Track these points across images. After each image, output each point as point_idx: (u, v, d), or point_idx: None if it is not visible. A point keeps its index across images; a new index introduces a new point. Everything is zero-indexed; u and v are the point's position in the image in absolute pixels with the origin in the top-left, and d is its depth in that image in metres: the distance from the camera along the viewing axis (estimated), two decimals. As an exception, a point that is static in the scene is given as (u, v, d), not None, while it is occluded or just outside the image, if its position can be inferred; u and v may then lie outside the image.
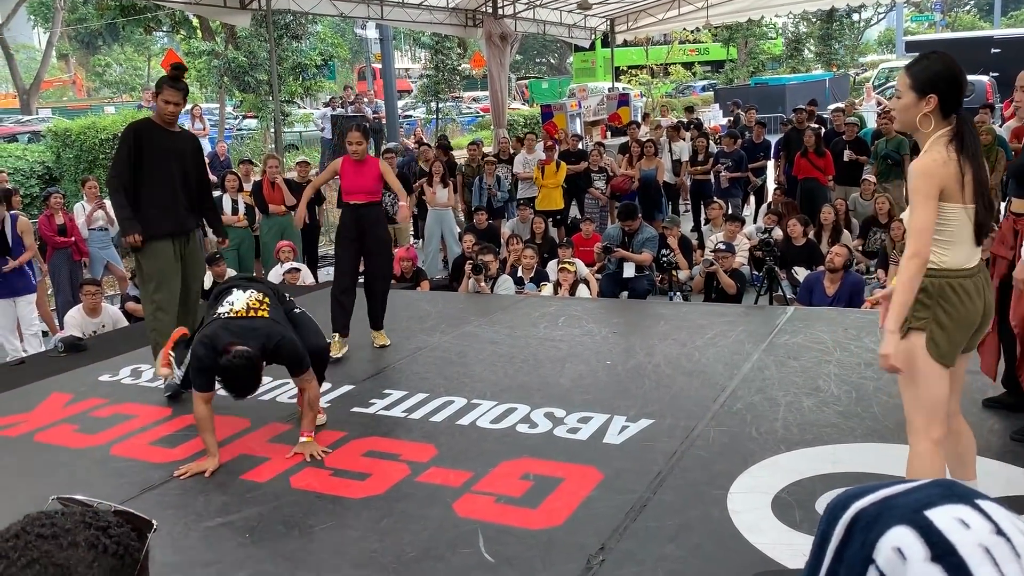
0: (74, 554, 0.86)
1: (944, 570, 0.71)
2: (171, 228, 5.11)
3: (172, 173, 5.11)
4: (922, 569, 0.71)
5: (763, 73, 34.07)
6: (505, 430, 4.17)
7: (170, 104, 5.01)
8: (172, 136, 5.14)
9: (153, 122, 5.15)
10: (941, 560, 0.71)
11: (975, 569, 0.70)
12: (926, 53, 2.79)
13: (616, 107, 17.95)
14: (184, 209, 5.19)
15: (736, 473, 3.54)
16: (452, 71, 24.53)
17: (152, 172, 5.05)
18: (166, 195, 5.09)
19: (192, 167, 5.26)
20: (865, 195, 10.01)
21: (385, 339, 5.75)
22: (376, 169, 5.54)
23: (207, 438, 3.92)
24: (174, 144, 5.14)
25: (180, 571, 3.06)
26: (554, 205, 11.07)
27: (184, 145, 5.24)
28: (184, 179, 5.19)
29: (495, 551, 3.06)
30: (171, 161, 5.11)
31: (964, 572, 0.70)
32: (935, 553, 0.72)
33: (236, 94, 19.95)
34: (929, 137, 2.68)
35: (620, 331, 5.89)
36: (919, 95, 2.66)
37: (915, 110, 2.67)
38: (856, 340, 5.24)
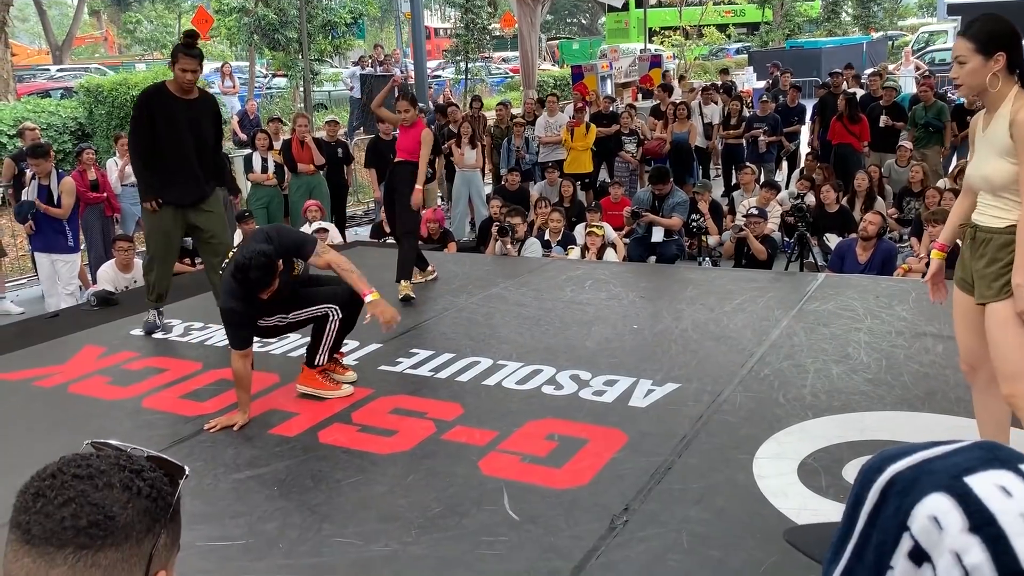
0: (109, 494, 0.87)
1: (982, 541, 0.68)
2: (174, 198, 5.16)
3: (184, 142, 5.10)
4: (959, 540, 0.69)
5: (799, 36, 33.31)
6: (530, 391, 4.18)
7: (187, 72, 4.99)
8: (187, 104, 5.10)
9: (168, 90, 5.10)
10: (979, 531, 0.69)
11: (1014, 540, 0.68)
12: (975, 17, 2.79)
13: (648, 69, 17.69)
14: (194, 178, 5.18)
15: (762, 438, 3.53)
16: (482, 31, 24.26)
17: (163, 141, 5.06)
18: (173, 165, 5.09)
19: (209, 132, 5.25)
20: (901, 162, 9.82)
21: (407, 289, 5.82)
22: (419, 132, 5.90)
23: (241, 394, 3.97)
24: (189, 112, 5.10)
25: (210, 522, 3.11)
26: (583, 168, 10.96)
27: (201, 111, 5.20)
28: (200, 147, 5.17)
29: (519, 509, 3.08)
30: (184, 131, 5.08)
31: (1003, 543, 0.68)
32: (973, 523, 0.69)
33: (266, 52, 19.90)
34: (1003, 95, 2.71)
35: (647, 295, 5.86)
36: (985, 56, 2.68)
37: (984, 71, 2.69)
38: (887, 308, 5.18)
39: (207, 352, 5.06)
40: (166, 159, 5.09)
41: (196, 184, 5.22)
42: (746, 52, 30.42)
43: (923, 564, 0.71)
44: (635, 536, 2.88)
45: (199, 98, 5.23)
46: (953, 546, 0.69)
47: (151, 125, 5.03)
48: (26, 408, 4.37)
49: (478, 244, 8.83)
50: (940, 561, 0.69)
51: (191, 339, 5.31)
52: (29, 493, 0.88)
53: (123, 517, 0.88)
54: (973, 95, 2.84)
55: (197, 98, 5.20)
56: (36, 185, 7.38)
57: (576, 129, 10.93)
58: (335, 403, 4.14)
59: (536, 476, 3.33)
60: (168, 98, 5.06)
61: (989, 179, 2.77)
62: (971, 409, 3.70)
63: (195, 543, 2.91)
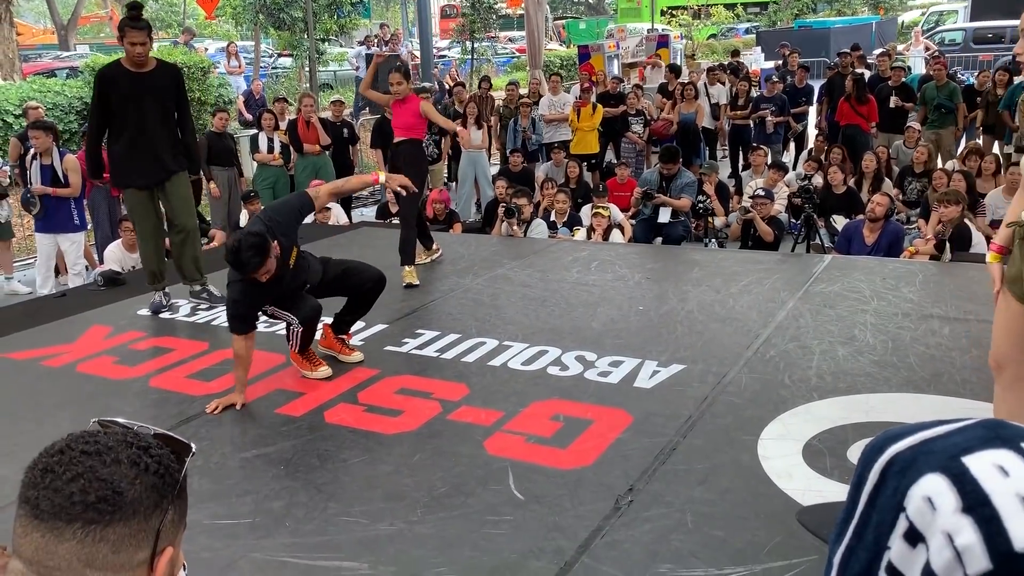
0: (117, 470, 0.88)
1: (974, 521, 0.67)
2: (142, 181, 5.11)
3: (144, 117, 4.98)
4: (951, 520, 0.68)
5: (808, 16, 32.99)
6: (536, 372, 4.19)
7: (137, 46, 4.87)
8: (143, 77, 4.96)
9: (123, 66, 4.97)
10: (972, 511, 0.68)
11: (1007, 521, 0.66)
12: None
13: (655, 49, 17.56)
14: (158, 154, 5.07)
15: (767, 420, 3.53)
16: (488, 10, 24.09)
17: (122, 119, 4.96)
18: (135, 143, 4.99)
19: (172, 103, 5.11)
20: (909, 143, 9.76)
21: (412, 277, 5.73)
22: (415, 106, 5.76)
23: (239, 373, 3.98)
24: (146, 85, 4.96)
25: (218, 500, 3.14)
26: (589, 149, 10.91)
27: (160, 82, 5.04)
28: (163, 119, 5.06)
29: (524, 489, 3.10)
30: (143, 104, 4.95)
31: (996, 524, 0.67)
32: (967, 504, 0.68)
33: (271, 32, 19.81)
34: None
35: (653, 277, 5.85)
36: None
37: None
38: (894, 290, 5.16)
39: (213, 332, 5.07)
40: (127, 137, 4.98)
41: (159, 163, 5.11)
42: (755, 32, 30.18)
43: (917, 545, 0.70)
44: (639, 516, 2.89)
45: (156, 69, 5.06)
46: (945, 527, 0.68)
47: (106, 104, 4.93)
48: (34, 387, 4.40)
49: (484, 225, 8.82)
50: (933, 542, 0.69)
51: (197, 319, 5.33)
52: (38, 469, 0.89)
53: (131, 493, 0.88)
54: None
55: (154, 69, 5.04)
56: (38, 166, 7.37)
57: (583, 109, 10.88)
58: (341, 383, 4.16)
59: (541, 456, 3.34)
60: (122, 74, 4.93)
61: None
62: (977, 390, 3.70)
63: (202, 521, 2.93)
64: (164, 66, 5.19)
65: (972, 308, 4.77)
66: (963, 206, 6.86)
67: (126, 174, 5.13)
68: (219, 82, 15.62)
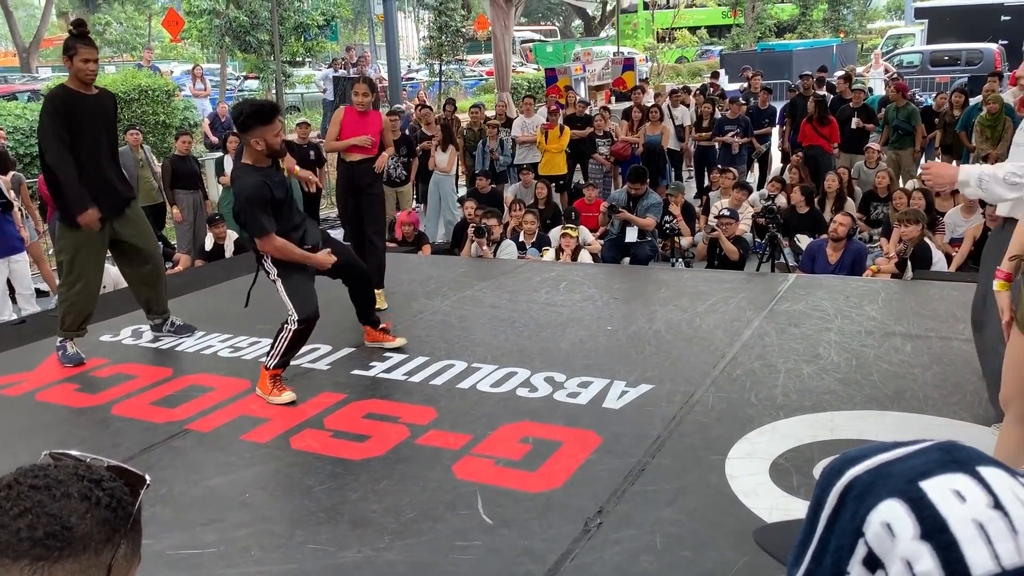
0: (67, 504, 0.86)
1: (933, 548, 0.68)
2: (106, 209, 4.80)
3: (99, 141, 4.78)
4: (910, 547, 0.68)
5: (771, 39, 33.58)
6: (505, 394, 4.18)
7: (90, 63, 4.65)
8: (92, 100, 4.74)
9: (70, 89, 4.68)
10: (930, 538, 0.68)
11: (965, 547, 0.67)
12: None
13: (621, 72, 17.76)
14: (111, 181, 4.86)
15: (735, 439, 3.55)
16: (455, 33, 24.22)
17: (78, 145, 4.67)
18: (92, 171, 4.73)
19: (114, 128, 4.94)
20: (869, 163, 9.94)
21: (382, 301, 5.71)
22: (378, 123, 5.66)
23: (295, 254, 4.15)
24: (95, 109, 4.75)
25: (181, 529, 3.08)
26: (557, 170, 10.98)
27: (106, 106, 4.87)
28: (110, 145, 4.88)
29: (493, 513, 3.08)
30: (97, 128, 4.75)
31: (954, 550, 0.67)
32: (924, 530, 0.68)
33: (237, 54, 19.74)
34: None
35: (621, 297, 5.88)
36: None
37: None
38: (857, 308, 5.23)
39: (177, 358, 5.00)
40: (83, 165, 4.68)
41: (116, 190, 4.88)
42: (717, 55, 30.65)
43: (876, 571, 0.71)
44: (609, 538, 2.88)
45: (100, 93, 4.86)
46: (904, 553, 0.68)
47: (68, 130, 4.62)
48: (-8, 416, 4.30)
49: (452, 246, 8.82)
50: (892, 568, 0.69)
51: (161, 345, 5.25)
52: (-15, 504, 0.86)
53: (81, 528, 0.86)
54: None
55: (99, 93, 4.83)
56: None
57: (550, 131, 10.96)
58: (307, 408, 4.11)
59: (510, 480, 3.33)
60: (75, 98, 4.66)
61: None
62: (939, 407, 3.76)
63: (165, 551, 2.88)
64: (104, 92, 4.97)
65: (933, 325, 4.85)
66: (923, 225, 6.99)
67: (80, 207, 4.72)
68: (184, 104, 15.52)
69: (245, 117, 4.08)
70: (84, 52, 4.65)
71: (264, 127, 4.07)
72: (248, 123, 4.06)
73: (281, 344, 4.18)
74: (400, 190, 10.21)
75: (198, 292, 6.40)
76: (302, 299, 4.17)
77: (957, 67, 20.16)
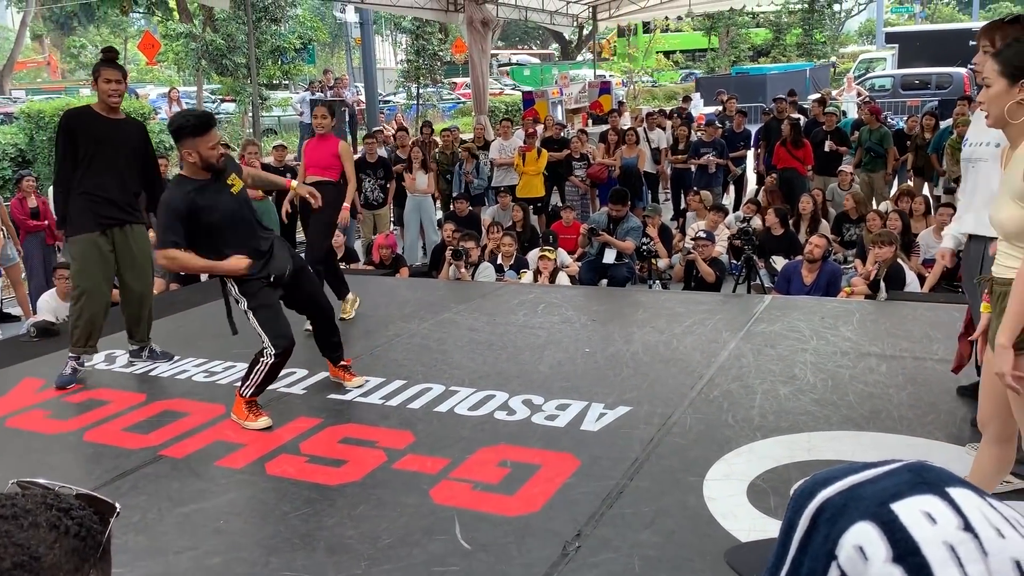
0: (35, 534, 0.85)
1: (905, 571, 0.68)
2: (98, 223, 4.82)
3: (113, 164, 4.81)
4: (883, 570, 0.69)
5: (745, 63, 34.07)
6: (483, 417, 4.16)
7: (111, 83, 4.72)
8: (115, 124, 4.84)
9: (94, 110, 4.83)
10: (903, 560, 0.68)
11: (937, 570, 0.67)
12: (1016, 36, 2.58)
13: (598, 95, 17.91)
14: (116, 202, 4.86)
15: (712, 460, 3.56)
16: (433, 56, 24.36)
17: (89, 163, 4.74)
18: (95, 188, 4.78)
19: (139, 155, 4.95)
20: (843, 185, 10.07)
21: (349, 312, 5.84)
22: (334, 146, 5.64)
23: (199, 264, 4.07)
24: (117, 133, 4.83)
25: (154, 556, 3.03)
26: (535, 193, 11.03)
27: (129, 132, 4.93)
28: (128, 170, 4.88)
29: (471, 538, 3.06)
30: (111, 151, 4.79)
31: (926, 573, 0.67)
32: (897, 553, 0.69)
33: (214, 77, 19.72)
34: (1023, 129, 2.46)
35: (599, 319, 5.89)
36: (1011, 81, 2.45)
37: (1006, 98, 2.46)
38: (832, 329, 5.28)
39: (151, 383, 4.94)
40: (88, 182, 4.76)
41: (117, 208, 4.89)
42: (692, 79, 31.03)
43: None
44: (587, 562, 2.87)
45: (126, 120, 4.98)
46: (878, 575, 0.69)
47: (74, 147, 4.72)
48: (-40, 444, 4.22)
49: (430, 269, 8.81)
50: None
51: (134, 370, 5.19)
52: (-50, 535, 0.84)
53: (49, 558, 0.85)
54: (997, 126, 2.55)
55: (124, 120, 4.94)
56: None
57: (528, 154, 11.01)
58: (282, 433, 4.07)
59: (488, 504, 3.31)
60: (95, 118, 4.79)
61: (1003, 225, 2.50)
62: (914, 427, 3.79)
63: (137, 581, 2.82)
64: (132, 120, 5.13)
65: (907, 346, 4.89)
66: (896, 246, 7.08)
67: (83, 218, 4.82)
68: (160, 128, 15.44)
69: (176, 127, 3.95)
70: (107, 72, 4.75)
71: (196, 138, 3.93)
72: (179, 134, 3.93)
73: (258, 376, 4.11)
74: (377, 213, 10.21)
75: (173, 316, 6.34)
76: (276, 331, 4.08)
77: (927, 91, 20.53)
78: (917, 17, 42.91)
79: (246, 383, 4.15)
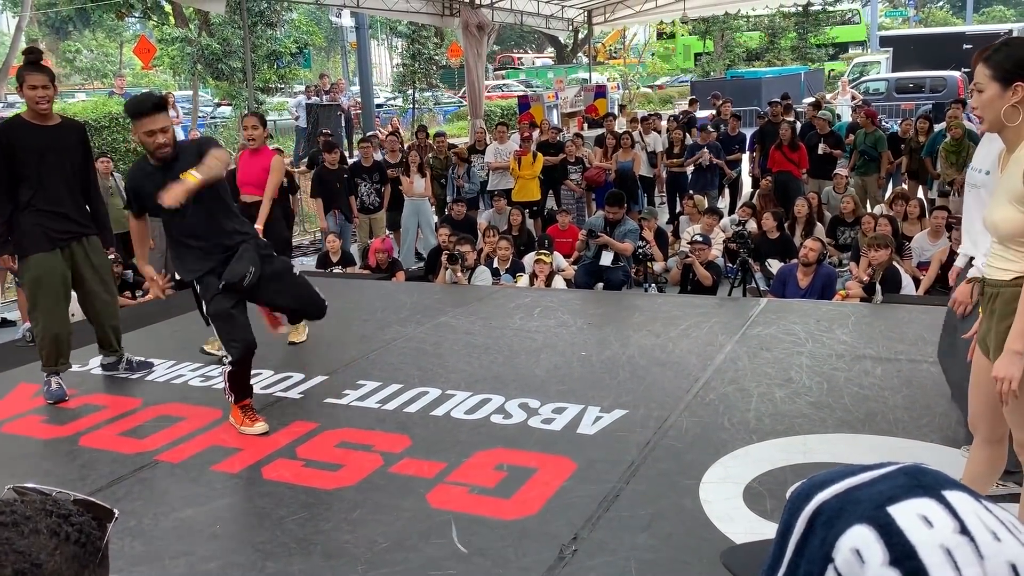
0: (36, 541, 0.85)
1: (902, 574, 0.68)
2: (50, 241, 4.58)
3: (60, 173, 4.56)
4: (879, 573, 0.69)
5: (740, 66, 34.14)
6: (479, 421, 4.16)
7: (37, 89, 4.41)
8: (53, 131, 4.55)
9: (26, 120, 4.52)
10: (900, 564, 0.68)
11: (933, 573, 0.67)
12: (1004, 40, 2.57)
13: (593, 99, 17.94)
14: (66, 214, 4.63)
15: (708, 463, 3.56)
16: (429, 61, 24.38)
17: (29, 176, 4.48)
18: (39, 202, 4.52)
19: (80, 160, 4.68)
20: (838, 189, 10.09)
21: (300, 335, 5.53)
22: (266, 161, 5.37)
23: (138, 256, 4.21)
24: (57, 140, 4.55)
25: (150, 562, 3.02)
26: (531, 196, 11.04)
27: (67, 139, 4.62)
28: (72, 177, 4.65)
29: (468, 542, 3.06)
30: (56, 159, 4.54)
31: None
32: (894, 556, 0.69)
33: (210, 82, 19.71)
34: (1022, 134, 2.45)
35: (595, 322, 5.90)
36: (1003, 85, 2.44)
37: (1000, 102, 2.45)
38: (828, 332, 5.29)
39: (147, 388, 4.93)
40: (42, 196, 4.50)
41: (68, 221, 4.66)
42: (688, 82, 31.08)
43: None
44: (584, 565, 2.87)
45: (61, 124, 4.65)
46: None
47: (11, 161, 4.44)
48: (-45, 449, 4.21)
49: (426, 273, 8.81)
50: None
51: (130, 375, 5.18)
52: (-51, 542, 0.84)
53: (50, 564, 0.85)
54: (993, 130, 2.53)
55: (59, 124, 4.63)
56: None
57: (523, 158, 11.03)
58: (279, 438, 4.07)
59: (485, 507, 3.31)
60: (28, 129, 4.49)
61: (997, 227, 2.49)
62: (909, 429, 3.80)
63: (133, 586, 2.82)
64: (69, 122, 4.83)
65: (903, 348, 4.91)
66: (891, 249, 7.10)
67: (30, 237, 4.55)
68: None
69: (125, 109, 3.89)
70: (32, 78, 4.43)
71: (135, 122, 3.79)
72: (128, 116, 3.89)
73: (226, 382, 4.08)
74: (373, 217, 10.21)
75: (169, 320, 6.33)
76: (230, 336, 3.99)
77: (921, 94, 20.59)
78: (911, 21, 43.07)
79: (225, 391, 4.14)
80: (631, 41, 36.90)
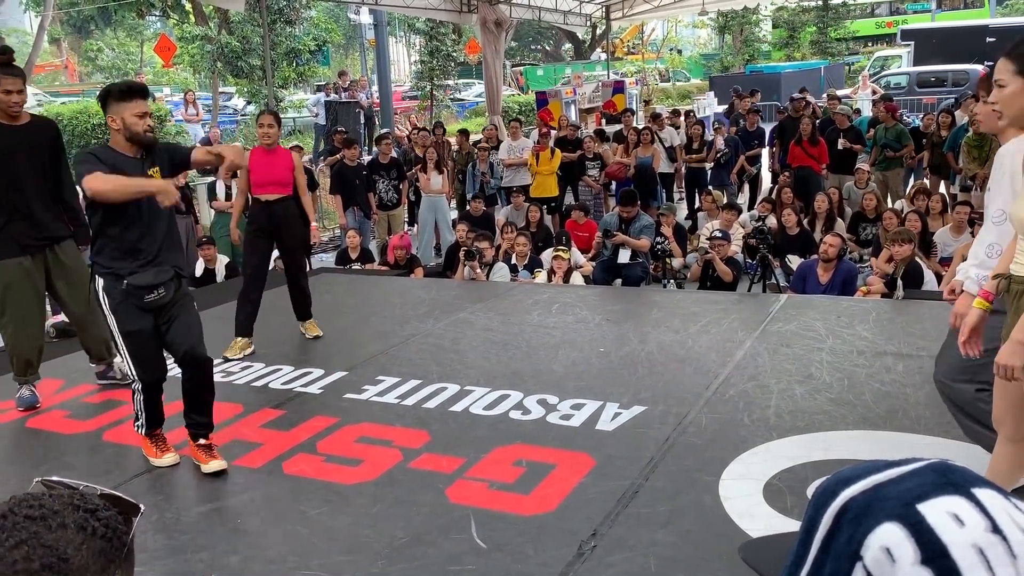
0: (63, 535, 0.86)
1: (934, 574, 0.67)
2: (19, 247, 4.43)
3: (29, 175, 4.40)
4: (911, 572, 0.68)
5: (758, 61, 33.89)
6: (498, 416, 4.17)
7: (12, 94, 4.29)
8: (22, 131, 4.39)
9: None
10: (932, 563, 0.67)
11: (966, 573, 0.67)
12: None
13: (611, 95, 17.87)
14: (38, 217, 4.45)
15: (728, 460, 3.55)
16: (447, 57, 24.37)
17: (4, 179, 4.34)
18: (21, 205, 4.39)
19: (51, 159, 4.51)
20: (859, 184, 10.01)
21: (316, 329, 5.64)
22: (288, 160, 5.37)
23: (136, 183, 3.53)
24: (23, 140, 4.38)
25: (173, 556, 3.05)
26: (548, 192, 11.03)
27: (37, 138, 4.46)
28: (40, 178, 4.46)
29: (487, 537, 3.06)
30: (25, 159, 4.38)
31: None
32: (925, 555, 0.68)
33: (229, 79, 19.81)
34: None
35: (613, 318, 5.89)
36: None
37: (1023, 97, 2.41)
38: (849, 328, 5.25)
39: (167, 383, 4.96)
40: (11, 199, 4.36)
41: (39, 227, 4.48)
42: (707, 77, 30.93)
43: None
44: (603, 561, 2.87)
45: (32, 123, 4.49)
46: None
47: None
48: (-19, 444, 4.26)
49: (444, 269, 8.83)
50: None
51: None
52: (-21, 535, 0.86)
53: (77, 559, 0.86)
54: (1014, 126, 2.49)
55: (29, 123, 4.46)
56: None
57: (541, 154, 11.01)
58: (299, 432, 4.10)
59: (504, 503, 3.32)
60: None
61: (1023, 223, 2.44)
62: (931, 426, 3.76)
63: (156, 579, 2.85)
64: (41, 120, 4.70)
65: (924, 344, 4.86)
66: (914, 244, 7.03)
67: (5, 241, 4.40)
68: (176, 130, 15.56)
69: (103, 93, 3.64)
70: (5, 82, 4.29)
71: (119, 103, 3.57)
72: (105, 99, 3.60)
73: (138, 407, 3.79)
74: (392, 213, 10.24)
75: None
76: (142, 363, 3.70)
77: (943, 88, 20.37)
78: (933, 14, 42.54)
79: (135, 421, 3.84)
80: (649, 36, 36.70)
